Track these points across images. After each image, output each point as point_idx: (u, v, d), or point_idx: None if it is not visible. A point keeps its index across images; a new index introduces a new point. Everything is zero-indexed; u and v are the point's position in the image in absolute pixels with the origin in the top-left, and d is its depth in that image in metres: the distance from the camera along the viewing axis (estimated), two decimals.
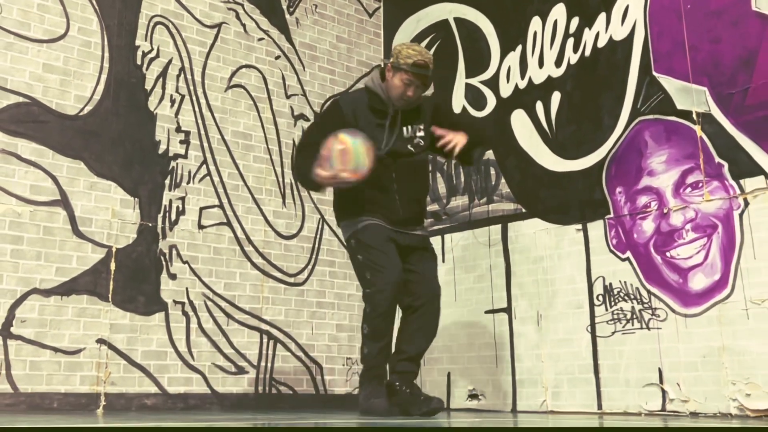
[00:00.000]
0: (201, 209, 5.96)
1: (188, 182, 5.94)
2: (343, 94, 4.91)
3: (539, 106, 6.01)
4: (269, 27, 6.70)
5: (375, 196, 4.70)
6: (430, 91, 4.79)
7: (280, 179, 6.52)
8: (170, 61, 6.04)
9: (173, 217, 5.80)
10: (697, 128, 5.04)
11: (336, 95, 6.58)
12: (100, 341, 5.30)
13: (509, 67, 6.30)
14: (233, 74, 6.39)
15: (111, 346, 5.34)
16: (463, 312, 6.23)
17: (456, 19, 6.81)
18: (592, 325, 5.41)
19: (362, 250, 4.70)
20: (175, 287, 5.72)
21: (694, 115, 5.06)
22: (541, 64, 6.07)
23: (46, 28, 5.51)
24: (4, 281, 5.04)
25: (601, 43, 5.71)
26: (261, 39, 6.62)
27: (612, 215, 5.43)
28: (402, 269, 4.65)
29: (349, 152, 4.34)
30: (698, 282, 4.93)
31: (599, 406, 5.29)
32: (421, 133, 4.82)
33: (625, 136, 5.43)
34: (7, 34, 5.33)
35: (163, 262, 5.70)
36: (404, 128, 4.79)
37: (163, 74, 5.98)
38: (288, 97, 6.70)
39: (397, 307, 4.75)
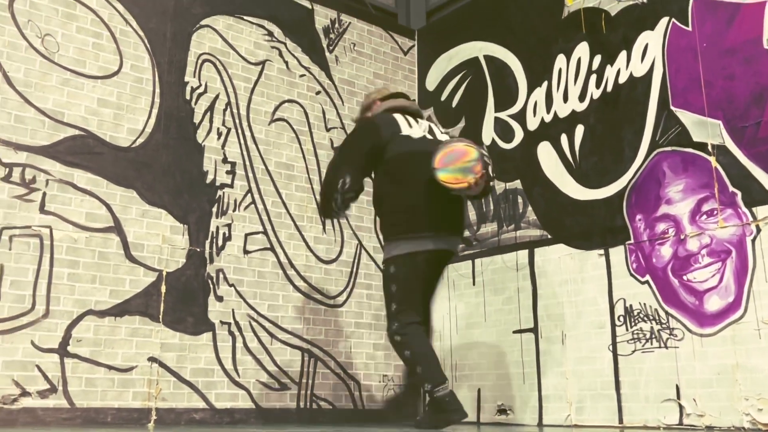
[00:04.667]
0: (246, 235, 6.04)
1: (234, 210, 6.02)
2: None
3: (564, 139, 6.08)
4: (310, 64, 6.80)
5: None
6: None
7: None
8: (217, 96, 6.14)
9: (220, 242, 5.89)
10: (712, 159, 5.10)
11: None
12: (152, 359, 5.41)
13: (536, 102, 6.36)
14: (276, 108, 6.47)
15: (162, 364, 5.43)
16: (492, 332, 6.31)
17: (486, 57, 6.88)
18: (614, 344, 5.46)
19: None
20: (221, 309, 5.79)
21: (710, 147, 5.12)
22: (565, 99, 6.13)
23: (100, 65, 5.62)
24: (61, 303, 5.14)
25: (622, 80, 5.75)
26: (302, 75, 6.72)
27: (632, 241, 5.46)
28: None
29: (466, 155, 4.45)
30: (713, 304, 4.98)
31: (620, 420, 5.33)
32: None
33: (645, 167, 5.48)
34: (64, 71, 5.45)
35: (211, 285, 5.77)
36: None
37: (211, 108, 6.09)
38: (328, 130, 6.77)
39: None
